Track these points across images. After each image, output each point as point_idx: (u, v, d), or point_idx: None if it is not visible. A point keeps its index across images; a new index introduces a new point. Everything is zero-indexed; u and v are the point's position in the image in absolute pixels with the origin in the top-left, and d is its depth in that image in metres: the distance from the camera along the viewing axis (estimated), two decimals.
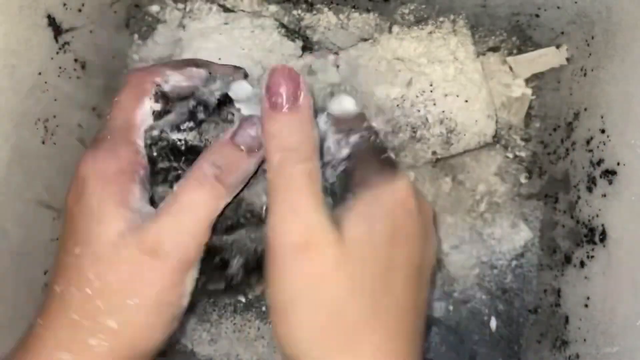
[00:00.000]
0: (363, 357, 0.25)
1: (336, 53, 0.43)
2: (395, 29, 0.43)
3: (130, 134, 0.29)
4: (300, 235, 0.25)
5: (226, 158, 0.28)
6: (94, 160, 0.28)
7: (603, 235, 0.36)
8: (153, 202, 0.29)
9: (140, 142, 0.30)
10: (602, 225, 0.36)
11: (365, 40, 0.44)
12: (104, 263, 0.26)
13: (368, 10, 0.46)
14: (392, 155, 0.30)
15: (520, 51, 0.45)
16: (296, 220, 0.26)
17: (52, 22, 0.35)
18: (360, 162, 0.29)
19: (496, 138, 0.44)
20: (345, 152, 0.30)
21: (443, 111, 0.41)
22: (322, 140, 0.30)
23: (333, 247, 0.25)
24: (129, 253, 0.26)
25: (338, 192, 0.30)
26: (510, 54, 0.45)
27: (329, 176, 0.30)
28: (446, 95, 0.41)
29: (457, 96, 0.41)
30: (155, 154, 0.30)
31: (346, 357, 0.25)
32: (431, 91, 0.41)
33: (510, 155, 0.45)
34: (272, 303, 0.26)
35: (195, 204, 0.27)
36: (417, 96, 0.41)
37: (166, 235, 0.26)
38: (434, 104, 0.41)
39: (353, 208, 0.27)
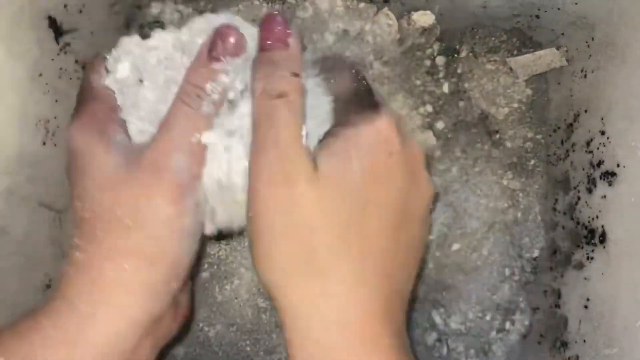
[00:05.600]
0: (331, 283, 0.26)
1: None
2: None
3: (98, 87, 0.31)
4: (277, 166, 0.26)
5: (204, 75, 0.28)
6: (77, 133, 0.30)
7: (603, 237, 0.36)
8: None
9: (109, 85, 0.31)
10: (602, 226, 0.36)
11: None
12: (110, 190, 0.28)
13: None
14: (380, 98, 0.29)
15: (520, 52, 0.45)
16: (273, 151, 0.26)
17: (52, 23, 0.35)
18: (342, 104, 0.29)
19: (497, 137, 0.44)
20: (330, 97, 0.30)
21: None
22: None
23: (307, 181, 0.26)
24: (129, 175, 0.28)
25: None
26: (510, 54, 0.45)
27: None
28: None
29: None
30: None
31: (315, 283, 0.26)
32: None
33: (510, 156, 0.45)
34: (251, 233, 0.28)
35: (181, 120, 0.28)
36: None
37: (160, 152, 0.28)
38: None
39: (330, 146, 0.27)
